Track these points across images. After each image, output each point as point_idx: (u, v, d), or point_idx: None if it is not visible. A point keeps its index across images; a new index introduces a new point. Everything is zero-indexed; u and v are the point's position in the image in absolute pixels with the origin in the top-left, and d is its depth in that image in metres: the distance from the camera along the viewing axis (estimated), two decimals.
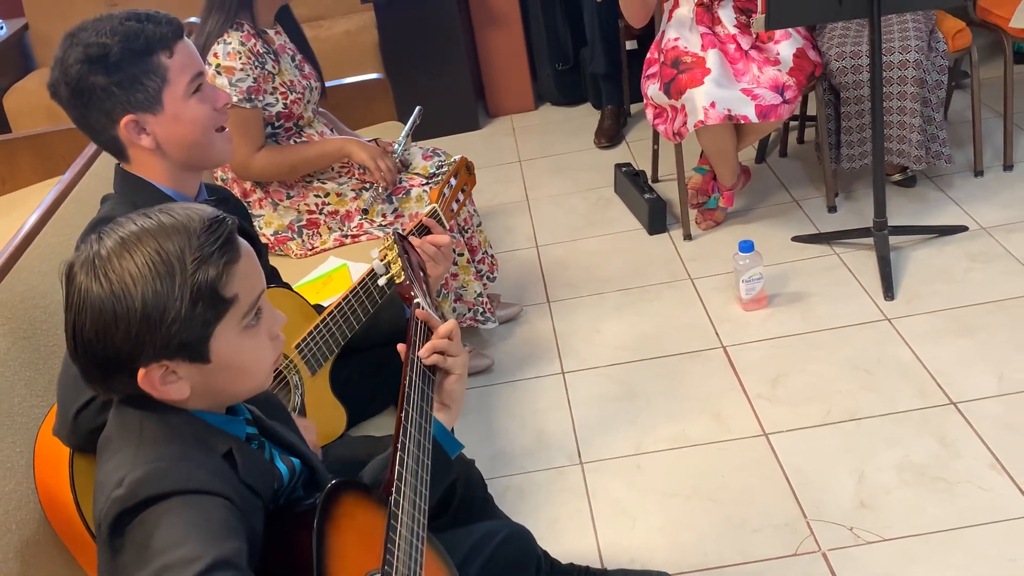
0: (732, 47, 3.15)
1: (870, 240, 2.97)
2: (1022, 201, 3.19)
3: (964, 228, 3.08)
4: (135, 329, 1.11)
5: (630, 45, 4.06)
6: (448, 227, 2.13)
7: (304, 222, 2.76)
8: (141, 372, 1.14)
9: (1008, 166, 3.37)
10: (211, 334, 1.15)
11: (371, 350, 2.00)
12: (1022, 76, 3.88)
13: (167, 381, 1.16)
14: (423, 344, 1.43)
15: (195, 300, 1.12)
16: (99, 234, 1.16)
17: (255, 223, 2.71)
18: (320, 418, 1.89)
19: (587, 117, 4.40)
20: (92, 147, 2.33)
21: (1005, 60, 3.30)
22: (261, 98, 2.59)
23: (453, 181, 2.20)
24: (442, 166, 2.80)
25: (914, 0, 2.80)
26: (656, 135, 3.62)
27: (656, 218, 3.42)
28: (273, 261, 2.18)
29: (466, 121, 4.50)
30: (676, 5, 3.29)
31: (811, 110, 3.65)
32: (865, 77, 3.05)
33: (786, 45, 3.12)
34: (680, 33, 3.21)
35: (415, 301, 1.54)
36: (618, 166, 3.71)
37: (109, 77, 1.61)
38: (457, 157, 2.31)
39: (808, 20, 3.05)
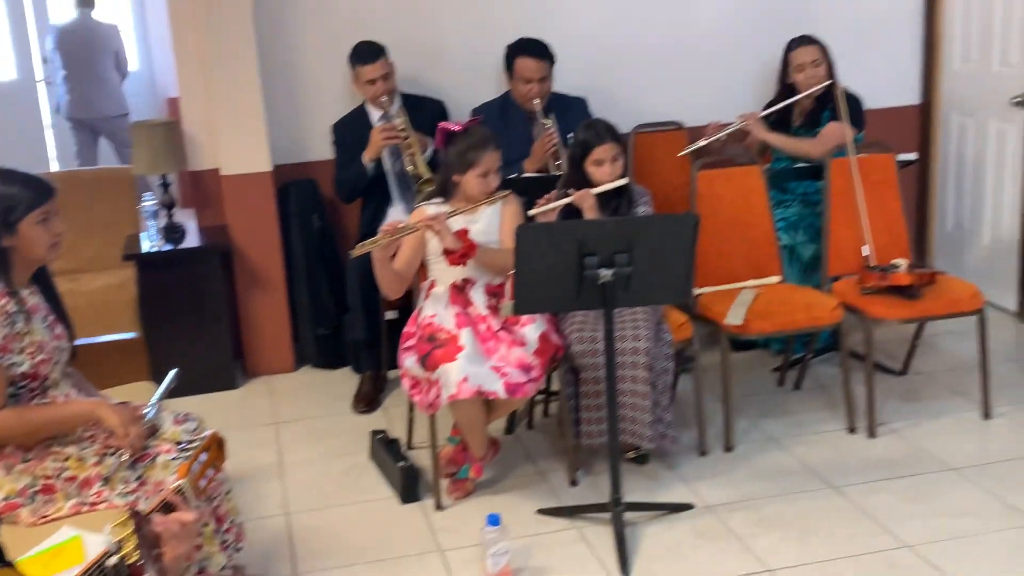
0: (483, 327, 3.35)
1: (608, 515, 3.14)
2: (741, 481, 3.47)
3: (690, 506, 3.30)
4: None
5: (390, 315, 4.18)
6: (195, 504, 2.10)
7: (39, 487, 2.62)
8: None
9: (729, 447, 3.68)
10: None
11: None
12: (739, 363, 4.33)
13: None
14: None
15: None
16: None
17: None
18: None
19: (346, 381, 4.46)
20: None
21: (723, 351, 3.69)
22: (7, 357, 2.53)
23: (203, 456, 2.18)
24: (193, 439, 2.76)
25: (642, 296, 3.11)
26: (412, 404, 3.72)
27: (409, 487, 3.46)
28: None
29: (223, 381, 4.45)
30: (433, 285, 3.49)
31: (556, 386, 3.88)
32: (601, 361, 3.30)
33: (532, 328, 3.35)
34: (436, 310, 3.40)
35: None
36: (374, 433, 3.76)
37: None
38: (209, 432, 2.31)
39: (550, 308, 3.33)
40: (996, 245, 4.89)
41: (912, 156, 4.41)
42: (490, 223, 3.47)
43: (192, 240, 4.46)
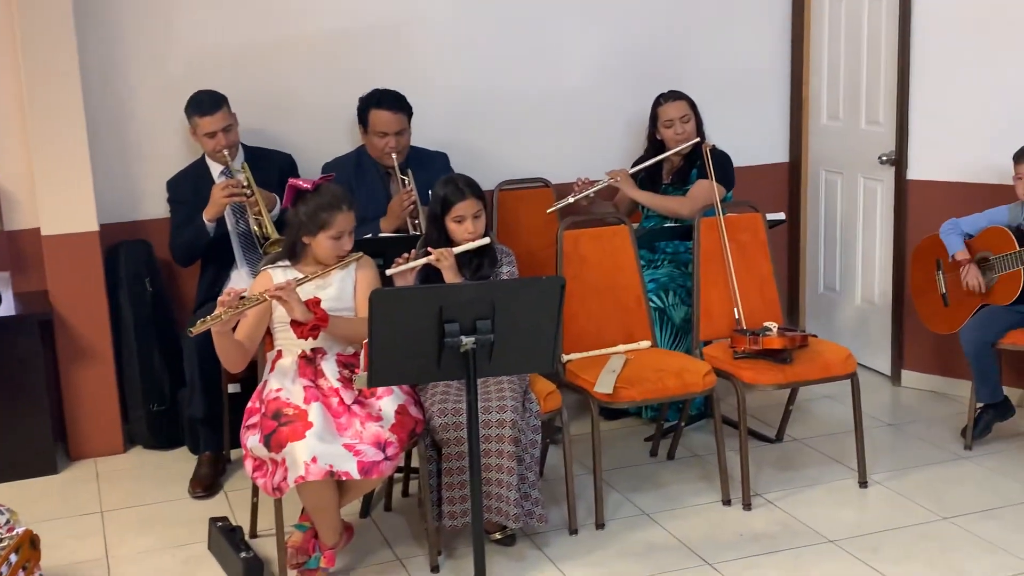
0: (335, 401, 3.17)
1: None
2: (613, 560, 3.29)
3: None
4: None
5: (232, 388, 3.96)
6: None
7: None
8: None
9: (600, 524, 3.50)
10: None
11: None
12: (611, 433, 4.18)
13: None
14: None
15: None
16: None
17: None
18: None
19: (183, 463, 4.16)
20: None
21: (592, 421, 3.51)
22: None
23: (13, 558, 1.98)
24: (2, 537, 2.40)
25: (507, 365, 2.92)
26: (256, 487, 3.43)
27: None
28: None
29: (41, 464, 4.11)
30: (279, 355, 3.30)
31: (416, 463, 3.65)
32: (464, 435, 3.12)
33: (388, 401, 3.17)
34: (282, 384, 3.20)
35: None
36: (213, 520, 3.49)
37: None
38: (21, 529, 2.08)
39: (409, 380, 3.14)
40: (868, 306, 4.91)
41: (780, 216, 4.38)
42: (342, 288, 3.33)
43: (7, 308, 4.15)
